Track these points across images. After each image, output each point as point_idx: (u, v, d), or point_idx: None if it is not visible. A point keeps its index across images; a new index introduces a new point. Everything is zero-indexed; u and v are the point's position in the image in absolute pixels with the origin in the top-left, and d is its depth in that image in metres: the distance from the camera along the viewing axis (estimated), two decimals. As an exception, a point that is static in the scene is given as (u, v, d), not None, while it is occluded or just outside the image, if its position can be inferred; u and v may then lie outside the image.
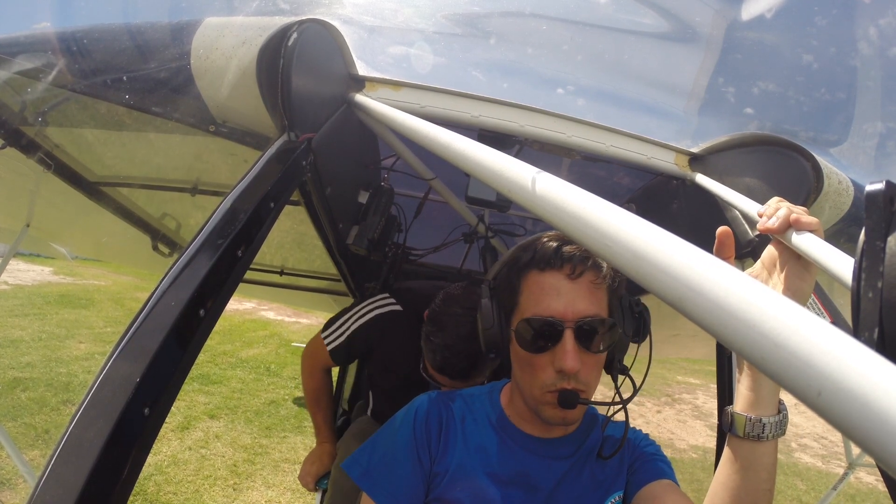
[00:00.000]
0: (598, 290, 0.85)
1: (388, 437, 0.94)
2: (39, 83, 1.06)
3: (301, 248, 2.40)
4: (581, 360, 0.82)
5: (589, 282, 0.84)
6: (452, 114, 1.21)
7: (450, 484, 0.88)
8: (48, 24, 1.02)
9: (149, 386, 0.54)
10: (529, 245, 0.90)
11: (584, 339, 0.83)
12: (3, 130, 1.23)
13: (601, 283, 0.84)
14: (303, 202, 1.20)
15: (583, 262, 0.83)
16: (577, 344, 0.82)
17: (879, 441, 0.21)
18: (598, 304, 0.84)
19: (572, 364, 0.80)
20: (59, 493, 0.45)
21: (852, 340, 0.24)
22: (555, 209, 0.47)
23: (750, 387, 0.69)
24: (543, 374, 0.83)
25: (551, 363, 0.82)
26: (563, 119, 1.23)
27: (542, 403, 0.85)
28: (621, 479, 0.93)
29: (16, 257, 3.74)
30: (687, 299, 0.32)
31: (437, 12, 1.15)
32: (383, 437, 0.95)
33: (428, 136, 0.79)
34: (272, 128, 1.02)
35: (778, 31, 1.05)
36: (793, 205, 0.66)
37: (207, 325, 0.66)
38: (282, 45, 0.92)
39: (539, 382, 0.84)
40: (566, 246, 0.85)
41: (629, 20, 1.16)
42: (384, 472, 0.89)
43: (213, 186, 1.62)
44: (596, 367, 0.86)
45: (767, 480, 0.69)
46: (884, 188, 0.46)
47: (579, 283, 0.83)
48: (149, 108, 1.12)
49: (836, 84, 1.09)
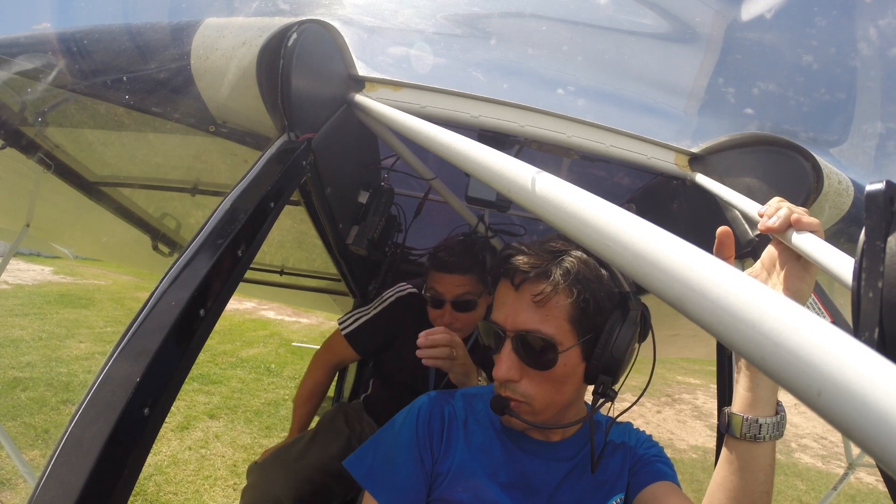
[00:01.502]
0: (546, 306, 0.80)
1: (391, 436, 0.94)
2: (40, 83, 1.06)
3: (301, 248, 2.40)
4: (524, 372, 0.82)
5: (530, 294, 0.81)
6: (452, 114, 1.21)
7: (451, 484, 0.88)
8: (48, 25, 1.02)
9: (149, 386, 0.54)
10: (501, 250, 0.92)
11: (522, 352, 0.82)
12: (3, 131, 1.23)
13: (544, 299, 0.80)
14: (303, 202, 1.20)
15: (522, 275, 0.81)
16: (515, 355, 0.82)
17: (879, 441, 0.21)
18: (543, 320, 0.80)
19: (501, 372, 0.82)
20: (59, 493, 0.45)
21: (852, 340, 0.24)
22: (555, 209, 0.47)
23: (748, 387, 0.69)
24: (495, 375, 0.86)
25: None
26: (563, 119, 1.23)
27: None
28: (622, 482, 0.92)
29: (16, 257, 3.74)
30: (687, 299, 0.32)
31: (437, 13, 1.15)
32: (385, 437, 0.94)
33: (428, 137, 0.79)
34: (272, 128, 1.02)
35: (778, 32, 1.05)
36: (793, 205, 0.66)
37: (207, 325, 0.66)
38: (282, 45, 0.92)
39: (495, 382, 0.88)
40: (518, 255, 0.83)
41: (629, 21, 1.16)
42: (386, 471, 0.89)
43: (213, 186, 1.62)
44: (542, 383, 0.83)
45: (765, 482, 0.69)
46: (884, 188, 0.46)
47: (521, 296, 0.82)
48: (149, 108, 1.12)
49: (836, 84, 1.09)
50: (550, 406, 0.85)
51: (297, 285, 3.09)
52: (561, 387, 0.84)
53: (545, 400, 0.84)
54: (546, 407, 0.84)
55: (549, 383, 0.83)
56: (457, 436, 0.92)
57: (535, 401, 0.83)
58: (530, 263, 0.81)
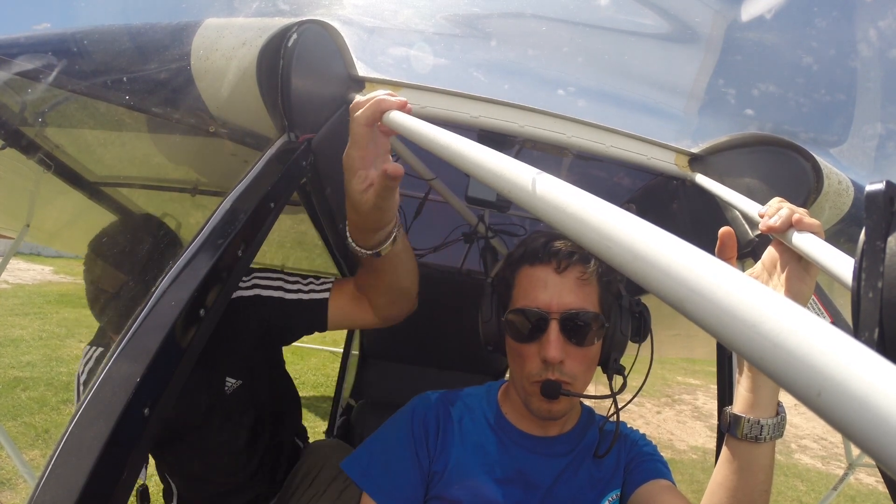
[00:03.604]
0: (586, 285, 0.86)
1: (386, 437, 0.94)
2: (40, 83, 1.06)
3: (302, 247, 2.41)
4: (567, 352, 0.84)
5: (575, 276, 0.85)
6: (452, 114, 1.21)
7: (448, 482, 0.88)
8: (48, 25, 1.02)
9: (149, 386, 0.54)
10: (523, 241, 0.93)
11: (570, 332, 0.84)
12: (3, 131, 1.23)
13: (588, 279, 0.86)
14: (303, 202, 1.20)
15: (568, 257, 0.85)
16: (562, 335, 0.83)
17: (879, 441, 0.21)
18: (586, 299, 0.85)
19: (555, 353, 0.82)
20: (59, 493, 0.45)
21: (852, 340, 0.24)
22: (555, 210, 0.47)
23: (749, 388, 0.69)
24: (531, 364, 0.86)
25: (538, 353, 0.85)
26: (563, 119, 1.23)
27: (530, 395, 0.87)
28: (618, 478, 0.93)
29: (16, 257, 3.74)
30: (687, 300, 0.32)
31: (436, 13, 1.15)
32: (381, 438, 0.95)
33: (428, 137, 0.79)
34: (272, 128, 1.02)
35: (778, 32, 1.05)
36: (794, 206, 0.67)
37: (207, 325, 0.66)
38: (282, 45, 0.93)
39: (526, 372, 0.87)
40: (555, 241, 0.87)
41: (629, 21, 1.16)
42: (383, 471, 0.89)
43: (213, 187, 1.62)
44: (584, 361, 0.86)
45: (765, 481, 0.69)
46: (884, 188, 0.45)
47: (566, 277, 0.85)
48: (149, 108, 1.12)
49: (836, 85, 1.09)
50: (586, 384, 0.88)
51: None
52: (593, 363, 0.89)
53: (584, 378, 0.87)
54: (584, 385, 0.88)
55: (587, 360, 0.87)
56: (452, 434, 0.93)
57: (577, 380, 0.86)
58: (571, 247, 0.85)
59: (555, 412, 0.87)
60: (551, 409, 0.86)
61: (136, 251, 1.29)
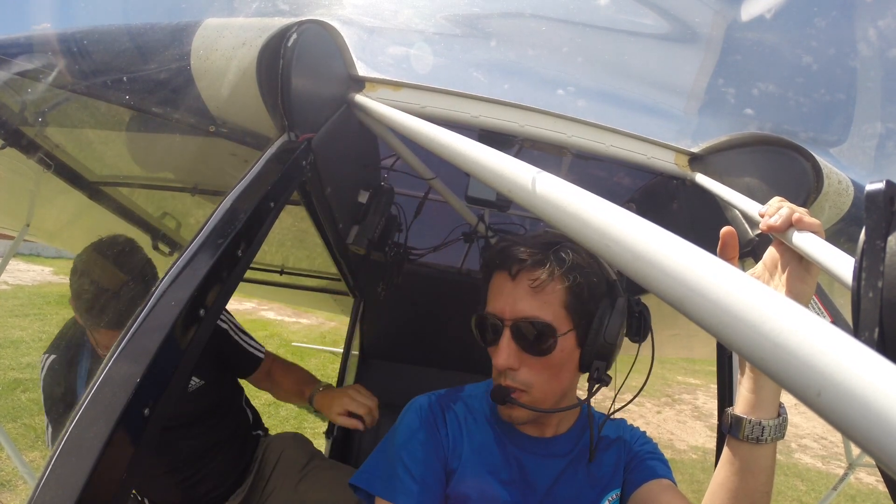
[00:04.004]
0: (543, 293, 0.82)
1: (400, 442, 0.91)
2: (40, 83, 1.06)
3: (301, 247, 2.40)
4: (522, 360, 0.83)
5: (527, 283, 0.82)
6: (452, 114, 1.21)
7: (459, 481, 0.88)
8: (48, 25, 1.02)
9: (149, 386, 0.54)
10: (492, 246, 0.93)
11: (521, 340, 0.83)
12: (3, 130, 1.23)
13: (540, 286, 0.81)
14: (303, 202, 1.21)
15: (519, 263, 0.83)
16: (514, 343, 0.83)
17: (879, 441, 0.21)
18: (542, 307, 0.82)
19: (502, 361, 0.83)
20: (59, 493, 0.45)
21: (852, 340, 0.24)
22: (555, 209, 0.47)
23: (751, 389, 0.69)
24: (494, 369, 0.86)
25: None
26: (564, 119, 1.23)
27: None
28: (618, 478, 0.93)
29: (16, 257, 3.74)
30: (687, 299, 0.32)
31: (436, 13, 1.15)
32: (394, 444, 0.92)
33: (428, 136, 0.79)
34: (272, 128, 1.02)
35: (777, 32, 1.05)
36: (794, 205, 0.67)
37: (207, 325, 0.66)
38: (281, 45, 0.92)
39: (493, 377, 0.89)
40: (513, 247, 0.85)
41: (629, 21, 1.16)
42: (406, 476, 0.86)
43: (213, 186, 1.62)
44: (541, 370, 0.84)
45: (766, 483, 0.69)
46: (884, 188, 0.45)
47: (518, 284, 0.83)
48: (149, 108, 1.12)
49: (836, 85, 1.09)
50: (549, 394, 0.86)
51: (297, 285, 3.09)
52: (558, 373, 0.85)
53: (544, 387, 0.85)
54: (545, 394, 0.85)
55: (547, 370, 0.84)
56: (459, 435, 0.92)
57: (534, 388, 0.84)
58: (526, 252, 0.83)
59: (514, 418, 0.87)
60: (511, 415, 0.87)
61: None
